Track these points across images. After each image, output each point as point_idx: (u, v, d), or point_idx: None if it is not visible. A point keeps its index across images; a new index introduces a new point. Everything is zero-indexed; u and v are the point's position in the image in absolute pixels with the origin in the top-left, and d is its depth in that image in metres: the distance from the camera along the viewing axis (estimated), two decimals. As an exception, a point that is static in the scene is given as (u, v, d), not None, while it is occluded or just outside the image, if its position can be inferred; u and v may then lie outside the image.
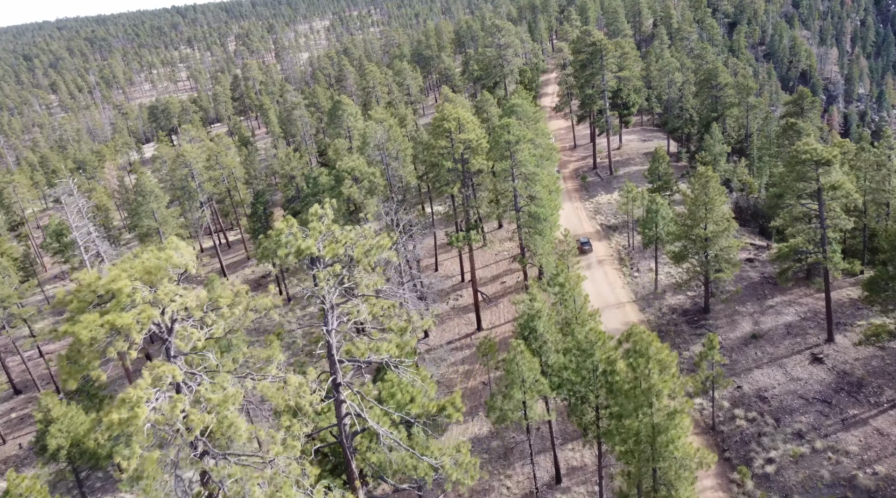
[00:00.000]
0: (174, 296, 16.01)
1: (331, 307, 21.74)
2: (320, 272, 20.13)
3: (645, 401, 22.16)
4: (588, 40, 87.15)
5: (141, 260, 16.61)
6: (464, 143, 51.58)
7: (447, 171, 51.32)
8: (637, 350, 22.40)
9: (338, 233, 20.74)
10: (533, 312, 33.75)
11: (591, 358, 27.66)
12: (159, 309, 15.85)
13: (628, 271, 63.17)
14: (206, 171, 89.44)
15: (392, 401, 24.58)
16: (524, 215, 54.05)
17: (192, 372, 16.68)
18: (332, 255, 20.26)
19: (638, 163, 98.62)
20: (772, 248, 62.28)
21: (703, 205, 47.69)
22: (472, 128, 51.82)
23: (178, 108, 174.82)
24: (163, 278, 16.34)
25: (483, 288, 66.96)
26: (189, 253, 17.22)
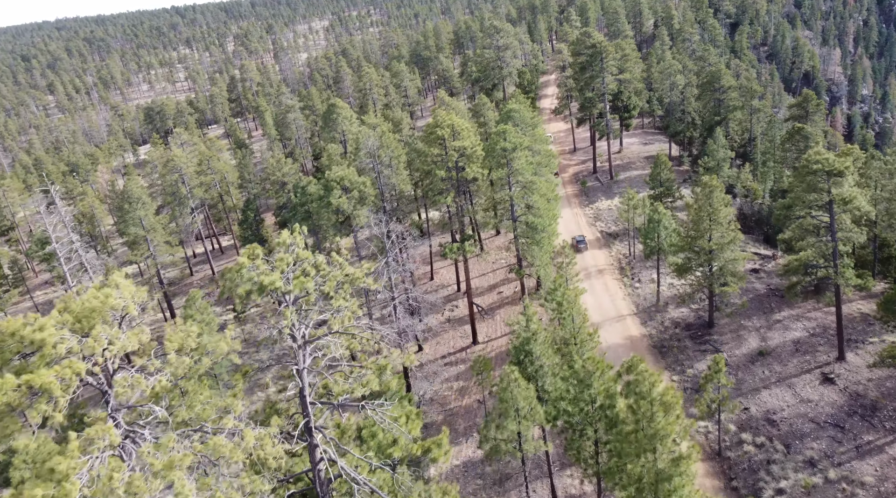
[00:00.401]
0: (108, 344, 13.97)
1: (302, 344, 19.70)
2: (286, 310, 18.09)
3: (648, 446, 20.16)
4: (588, 42, 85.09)
5: (77, 302, 14.56)
6: (458, 150, 49.54)
7: (441, 179, 49.27)
8: (639, 391, 20.37)
9: (307, 265, 18.69)
10: (528, 335, 31.70)
11: (589, 389, 25.62)
12: (91, 361, 13.82)
13: (629, 282, 61.10)
14: (198, 176, 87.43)
15: (373, 441, 22.55)
16: (521, 225, 52.01)
17: (134, 430, 14.66)
18: (300, 289, 18.20)
19: (639, 167, 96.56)
20: (778, 258, 60.25)
21: (708, 215, 45.63)
22: (466, 135, 49.77)
23: (174, 109, 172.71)
24: (98, 323, 14.28)
25: (479, 299, 64.92)
26: (131, 291, 15.19)
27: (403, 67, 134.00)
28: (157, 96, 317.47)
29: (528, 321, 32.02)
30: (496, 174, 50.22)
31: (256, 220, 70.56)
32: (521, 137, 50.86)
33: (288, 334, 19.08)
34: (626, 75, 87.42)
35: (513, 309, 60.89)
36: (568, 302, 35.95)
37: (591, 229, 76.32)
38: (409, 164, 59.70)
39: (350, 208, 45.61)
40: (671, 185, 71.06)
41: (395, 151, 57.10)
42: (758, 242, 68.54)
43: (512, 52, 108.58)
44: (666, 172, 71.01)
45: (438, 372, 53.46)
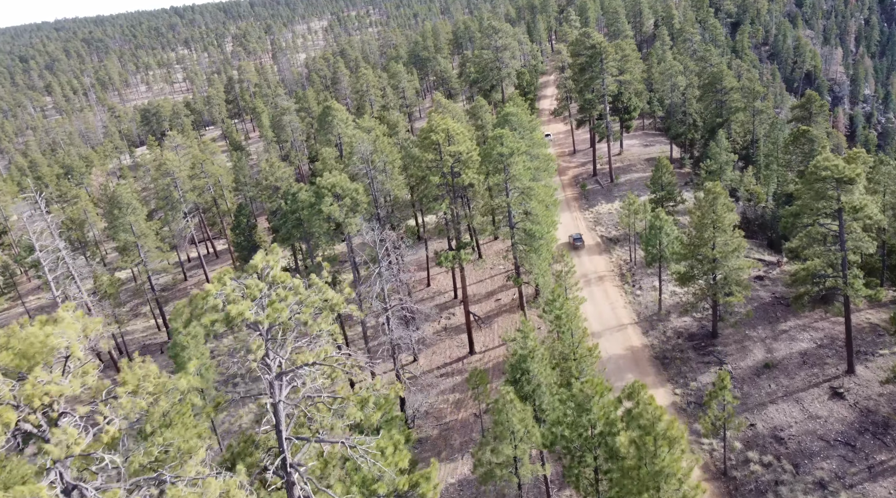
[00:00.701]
0: (47, 389, 12.46)
1: (276, 375, 18.18)
2: (255, 342, 16.57)
3: (652, 484, 18.67)
4: (587, 42, 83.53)
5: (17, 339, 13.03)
6: (453, 156, 48.01)
7: (435, 186, 47.73)
8: (642, 425, 18.85)
9: (283, 290, 17.17)
10: (525, 352, 30.17)
11: (588, 414, 24.10)
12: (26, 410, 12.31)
13: (630, 289, 59.56)
14: (190, 180, 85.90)
15: (357, 475, 21.01)
16: (519, 232, 50.50)
17: (78, 484, 13.14)
18: (273, 319, 16.67)
19: (640, 169, 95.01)
20: (782, 264, 58.71)
21: (711, 223, 44.08)
22: (462, 139, 48.24)
23: (170, 111, 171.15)
24: (39, 365, 12.77)
25: (477, 307, 63.39)
26: (76, 329, 13.67)
27: (401, 68, 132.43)
28: (155, 97, 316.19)
29: (525, 338, 30.50)
30: (493, 180, 48.71)
31: (249, 225, 69.02)
32: (518, 142, 49.32)
33: (260, 366, 17.54)
34: (627, 76, 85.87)
35: (511, 317, 59.40)
36: (567, 316, 34.42)
37: (591, 234, 74.78)
38: (405, 168, 58.16)
39: (342, 216, 44.09)
40: (672, 188, 69.54)
41: (389, 156, 55.58)
42: (761, 248, 67.00)
43: (510, 53, 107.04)
44: (667, 176, 69.47)
45: (434, 384, 51.94)
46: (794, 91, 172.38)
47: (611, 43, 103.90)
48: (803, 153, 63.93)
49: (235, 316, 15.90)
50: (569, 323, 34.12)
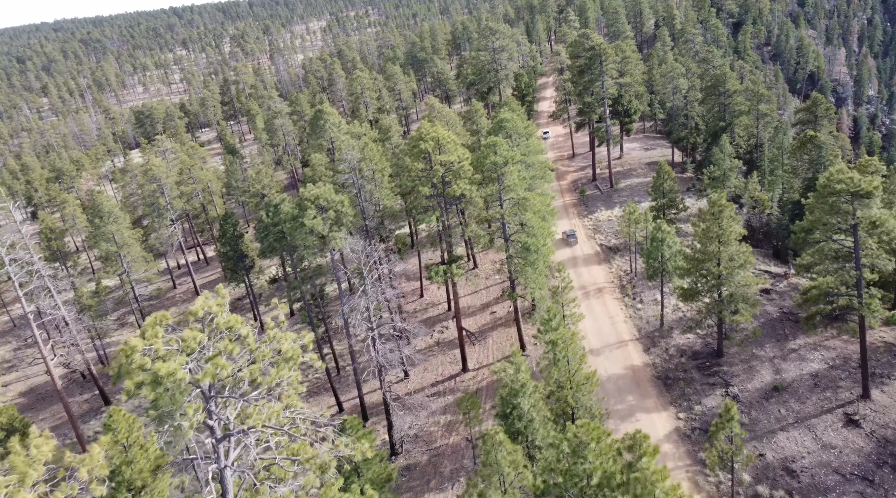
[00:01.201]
0: None
1: (223, 437, 15.73)
2: (191, 405, 14.13)
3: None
4: (586, 44, 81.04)
5: None
6: (444, 165, 45.54)
7: (425, 197, 45.28)
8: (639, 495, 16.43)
9: (227, 343, 14.73)
10: (516, 387, 27.73)
11: (583, 463, 21.67)
12: None
13: (631, 302, 57.09)
14: (178, 186, 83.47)
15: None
16: (514, 245, 48.10)
17: None
18: (213, 377, 14.22)
19: (640, 174, 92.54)
20: (790, 276, 56.23)
21: (717, 237, 41.62)
22: (452, 148, 45.77)
23: (163, 113, 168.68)
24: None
25: (471, 320, 60.96)
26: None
27: (397, 70, 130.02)
28: (152, 99, 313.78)
29: (517, 370, 28.06)
30: (486, 190, 46.28)
31: (235, 234, 66.55)
32: (512, 151, 46.92)
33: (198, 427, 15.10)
34: (627, 79, 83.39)
35: (506, 332, 56.96)
36: (563, 341, 31.97)
37: (590, 243, 72.33)
38: (397, 175, 55.70)
39: (325, 230, 41.63)
40: (674, 196, 67.09)
41: (378, 164, 53.13)
42: (767, 258, 64.51)
43: (508, 55, 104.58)
44: (669, 182, 67.01)
45: (424, 404, 49.48)
46: (798, 92, 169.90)
47: (611, 44, 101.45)
48: (811, 160, 61.48)
49: (165, 376, 13.45)
50: (564, 349, 31.66)
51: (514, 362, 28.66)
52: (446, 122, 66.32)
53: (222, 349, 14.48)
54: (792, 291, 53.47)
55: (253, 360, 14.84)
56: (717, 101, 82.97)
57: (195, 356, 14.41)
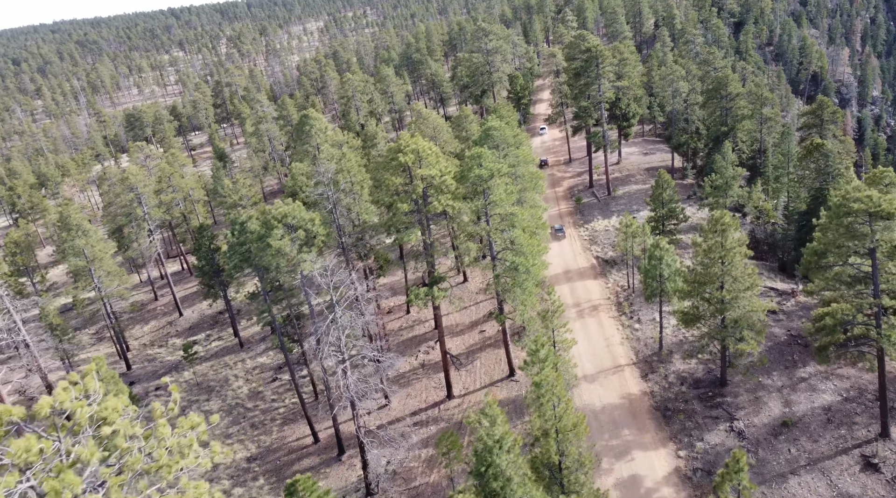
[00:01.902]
0: None
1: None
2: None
3: None
4: (582, 46, 77.55)
5: None
6: (425, 180, 42.09)
7: (404, 214, 41.82)
8: None
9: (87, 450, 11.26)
10: (491, 443, 24.26)
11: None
12: None
13: (628, 321, 53.58)
14: (156, 196, 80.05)
15: None
16: (501, 264, 44.65)
17: None
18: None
19: (639, 180, 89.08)
20: (798, 294, 52.68)
21: (719, 258, 38.12)
22: (434, 161, 42.32)
23: (152, 116, 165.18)
24: None
25: (459, 339, 57.51)
26: None
27: (390, 72, 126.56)
28: (146, 101, 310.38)
29: (493, 424, 24.60)
30: (471, 206, 42.82)
31: (212, 248, 63.10)
32: (498, 163, 43.43)
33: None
34: (625, 82, 79.86)
35: (495, 354, 53.46)
36: (548, 383, 28.47)
37: (585, 255, 68.86)
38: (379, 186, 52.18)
39: (293, 251, 38.18)
40: (674, 206, 63.59)
41: (356, 175, 49.66)
42: (772, 272, 60.97)
43: (502, 56, 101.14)
44: (668, 192, 63.51)
45: (406, 434, 46.03)
46: (801, 93, 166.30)
47: (609, 45, 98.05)
48: (818, 169, 57.97)
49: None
50: (549, 392, 28.16)
51: (488, 414, 25.19)
52: (433, 129, 62.89)
53: (76, 458, 11.00)
54: (800, 311, 49.99)
55: (119, 469, 11.36)
56: (719, 105, 79.47)
57: (38, 469, 10.93)
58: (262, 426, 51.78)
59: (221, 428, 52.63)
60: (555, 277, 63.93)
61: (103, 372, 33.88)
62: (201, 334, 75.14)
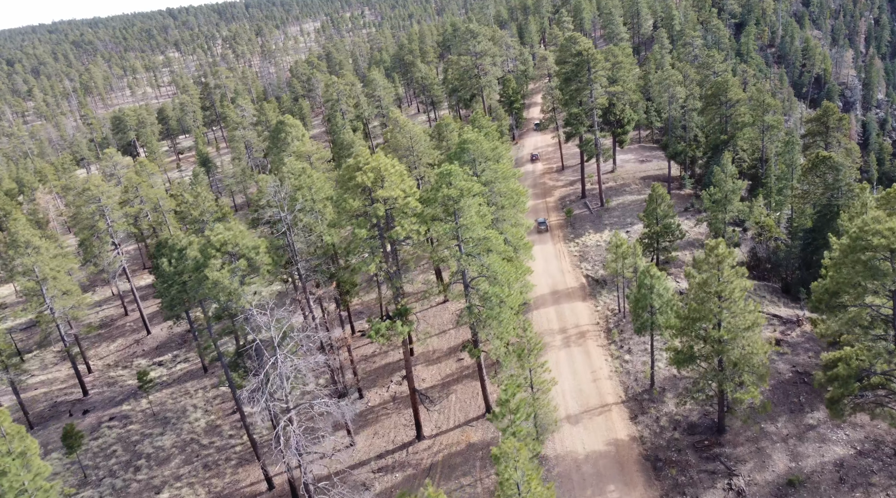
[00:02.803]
0: None
1: None
2: None
3: None
4: (573, 49, 72.98)
5: None
6: (386, 202, 37.55)
7: (362, 240, 37.26)
8: None
9: None
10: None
11: None
12: None
13: (617, 352, 48.98)
14: (122, 207, 75.56)
15: None
16: (475, 294, 40.13)
17: None
18: None
19: (634, 191, 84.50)
20: (804, 321, 48.05)
21: (715, 293, 33.56)
22: (397, 180, 37.79)
23: (135, 120, 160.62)
24: None
25: (434, 368, 52.96)
26: None
27: (377, 75, 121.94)
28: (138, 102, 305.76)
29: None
30: (439, 230, 38.25)
31: (172, 266, 58.44)
32: (470, 181, 38.86)
33: None
34: (618, 88, 75.26)
35: (472, 387, 48.88)
36: (509, 455, 23.91)
37: (574, 273, 64.30)
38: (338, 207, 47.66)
39: (234, 283, 33.63)
40: (669, 221, 59.02)
41: (318, 192, 45.12)
42: (775, 295, 56.33)
43: (491, 59, 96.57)
44: (663, 206, 58.95)
45: (368, 482, 41.45)
46: (804, 96, 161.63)
47: (604, 48, 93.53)
48: (825, 184, 53.36)
49: None
50: (510, 469, 23.57)
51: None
52: (410, 139, 58.33)
53: None
54: (807, 342, 45.40)
55: None
56: (718, 112, 74.83)
57: None
58: (216, 467, 47.20)
59: (172, 469, 48.05)
60: (541, 299, 59.42)
61: (6, 427, 29.34)
62: (168, 355, 70.65)
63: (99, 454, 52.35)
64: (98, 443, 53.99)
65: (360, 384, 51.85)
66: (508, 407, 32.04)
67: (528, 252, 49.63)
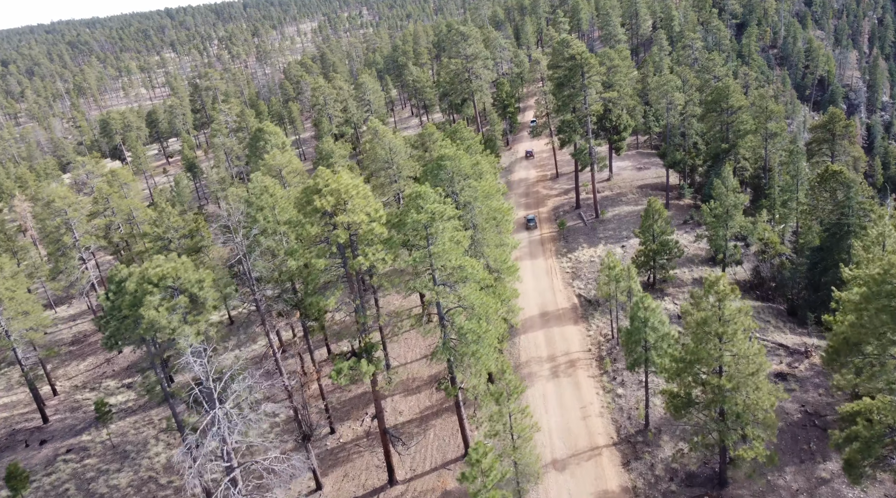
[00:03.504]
0: None
1: None
2: None
3: None
4: (565, 53, 69.11)
5: None
6: (350, 227, 33.68)
7: (321, 271, 33.40)
8: None
9: None
10: None
11: None
12: None
13: (610, 385, 45.09)
14: (90, 219, 71.76)
15: None
16: (450, 329, 36.29)
17: None
18: None
19: (631, 200, 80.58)
20: (813, 353, 44.11)
21: (716, 334, 29.68)
22: (361, 203, 33.92)
23: (121, 123, 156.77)
24: None
25: (413, 399, 49.11)
26: None
27: (367, 78, 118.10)
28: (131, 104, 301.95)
29: None
30: (408, 258, 34.40)
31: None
32: (443, 205, 34.93)
33: None
34: (614, 93, 71.31)
35: (451, 421, 44.99)
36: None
37: (566, 292, 60.42)
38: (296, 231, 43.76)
39: (174, 322, 29.79)
40: (667, 239, 55.15)
41: (281, 213, 41.28)
42: (780, 318, 52.34)
43: (482, 63, 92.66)
44: (660, 223, 55.12)
45: (334, 535, 37.62)
46: (807, 99, 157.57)
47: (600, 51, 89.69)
48: (834, 201, 49.42)
49: None
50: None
51: None
52: (389, 151, 54.43)
53: None
54: (817, 377, 41.48)
55: None
56: (719, 119, 70.91)
57: None
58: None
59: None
60: (530, 321, 55.55)
61: None
62: (139, 376, 66.71)
63: (50, 493, 48.49)
64: (51, 480, 50.09)
65: (332, 417, 48.02)
66: (479, 468, 28.25)
67: (514, 275, 45.75)
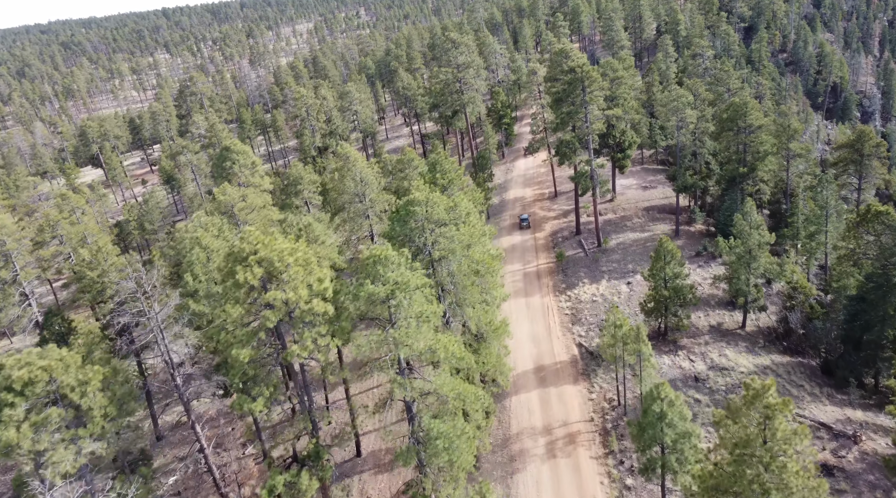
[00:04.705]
0: None
1: None
2: None
3: None
4: (564, 65, 61.76)
5: None
6: (284, 307, 26.28)
7: (243, 363, 25.99)
8: None
9: None
10: None
11: None
12: None
13: (616, 469, 37.66)
14: (35, 249, 64.41)
15: None
16: (417, 427, 28.94)
17: None
18: None
19: (637, 226, 73.10)
20: (863, 439, 36.63)
21: (760, 462, 22.29)
22: (300, 273, 26.53)
23: (97, 131, 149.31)
24: None
25: (384, 478, 41.58)
26: None
27: (353, 87, 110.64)
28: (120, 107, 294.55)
29: None
30: (361, 343, 27.01)
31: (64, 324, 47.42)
32: (407, 272, 27.50)
33: None
34: (618, 110, 63.82)
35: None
36: None
37: (565, 339, 53.04)
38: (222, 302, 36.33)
39: (43, 444, 22.46)
40: (681, 285, 47.72)
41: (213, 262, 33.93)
42: (814, 379, 44.82)
43: (475, 72, 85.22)
44: (673, 266, 47.69)
45: None
46: (820, 107, 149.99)
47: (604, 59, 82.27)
48: (879, 246, 41.98)
49: None
50: None
51: None
52: (359, 182, 46.98)
53: None
54: (871, 471, 34.01)
55: None
56: (736, 140, 63.46)
57: None
58: None
59: None
60: (522, 378, 48.21)
61: None
62: None
63: None
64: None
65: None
66: None
67: (503, 337, 38.42)
